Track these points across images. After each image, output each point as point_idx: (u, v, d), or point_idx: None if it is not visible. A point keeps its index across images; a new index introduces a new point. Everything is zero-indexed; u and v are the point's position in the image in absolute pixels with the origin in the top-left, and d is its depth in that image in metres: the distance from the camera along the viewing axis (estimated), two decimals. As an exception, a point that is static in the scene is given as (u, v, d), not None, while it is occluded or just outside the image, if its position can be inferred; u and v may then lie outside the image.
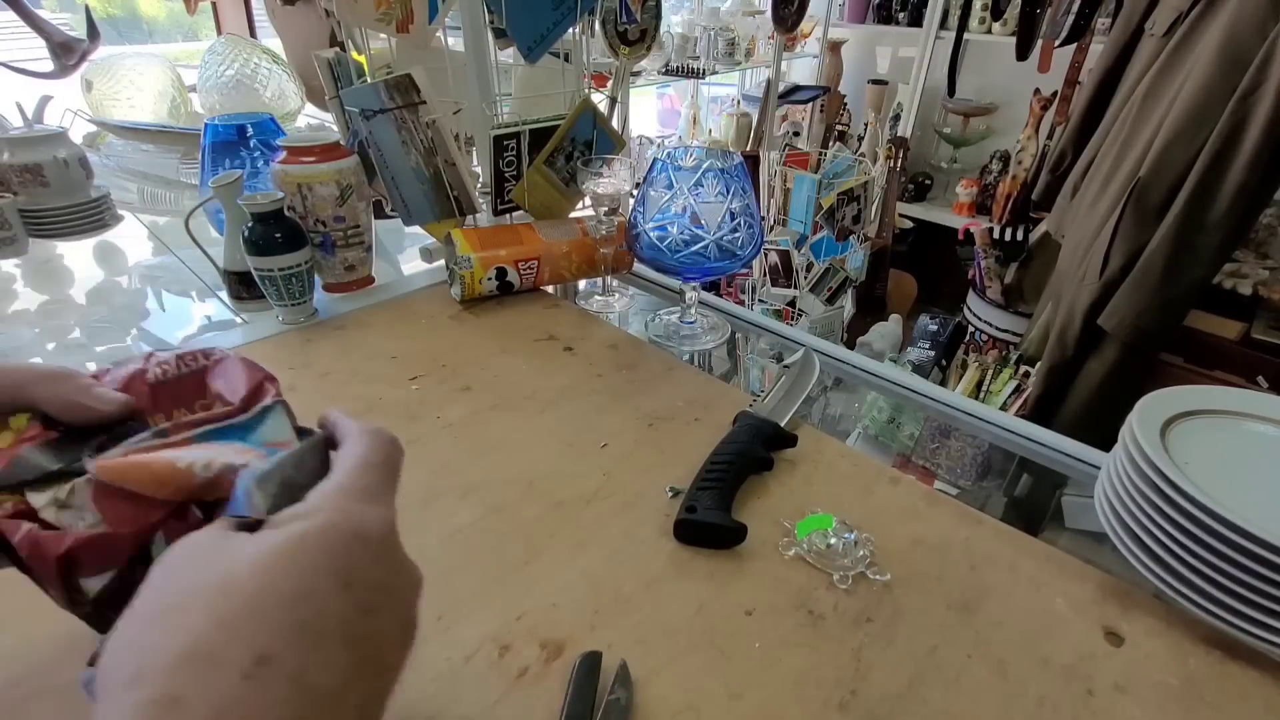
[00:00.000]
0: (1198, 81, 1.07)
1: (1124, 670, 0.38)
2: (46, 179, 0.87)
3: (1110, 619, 0.41)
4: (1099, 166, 1.30)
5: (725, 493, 0.47)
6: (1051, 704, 0.36)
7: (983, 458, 0.62)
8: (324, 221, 0.70)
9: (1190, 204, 1.08)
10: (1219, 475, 0.40)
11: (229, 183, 0.67)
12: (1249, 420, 0.46)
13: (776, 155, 1.62)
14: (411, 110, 0.70)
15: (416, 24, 0.68)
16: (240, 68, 1.16)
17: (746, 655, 0.38)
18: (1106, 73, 1.39)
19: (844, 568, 0.43)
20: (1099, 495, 0.45)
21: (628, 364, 0.66)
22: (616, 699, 0.34)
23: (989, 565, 0.44)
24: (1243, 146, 1.02)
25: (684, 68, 2.22)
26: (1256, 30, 1.00)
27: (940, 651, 0.38)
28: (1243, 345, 1.39)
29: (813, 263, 1.64)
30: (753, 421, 0.54)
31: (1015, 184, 2.12)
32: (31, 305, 0.84)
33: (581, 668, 0.35)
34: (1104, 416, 1.23)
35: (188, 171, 1.06)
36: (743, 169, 0.66)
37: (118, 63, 1.21)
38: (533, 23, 0.72)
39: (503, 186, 0.78)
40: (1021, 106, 2.10)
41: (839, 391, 0.72)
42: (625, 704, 0.34)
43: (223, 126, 0.80)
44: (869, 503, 0.49)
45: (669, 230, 0.66)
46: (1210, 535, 0.37)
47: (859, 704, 0.35)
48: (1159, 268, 1.12)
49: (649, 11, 0.81)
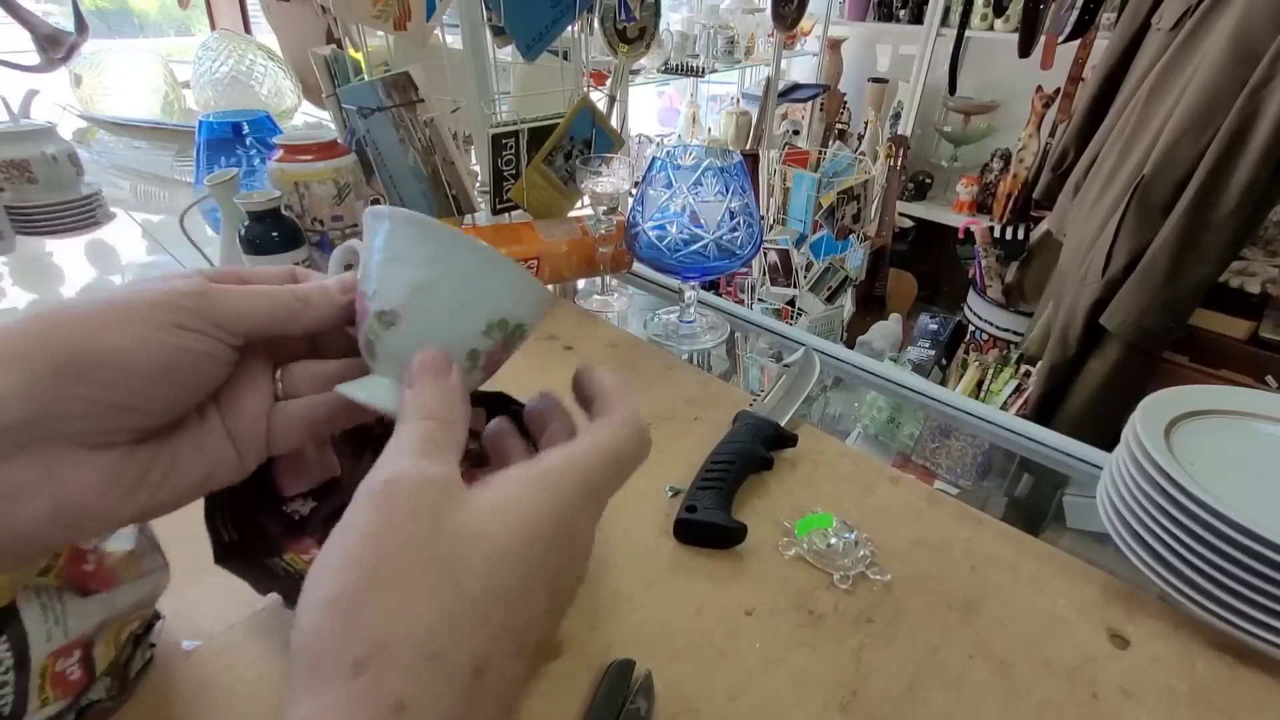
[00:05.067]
0: (1206, 76, 1.06)
1: (1130, 674, 0.37)
2: (34, 175, 0.86)
3: (1115, 621, 0.40)
4: (1102, 164, 1.30)
5: (725, 492, 0.46)
6: (1055, 707, 0.35)
7: (983, 457, 0.62)
8: (321, 220, 0.70)
9: (1196, 201, 1.07)
10: (1226, 476, 0.39)
11: (225, 181, 0.67)
12: (1257, 420, 0.45)
13: (776, 154, 1.62)
14: (409, 108, 0.69)
15: (414, 21, 0.68)
16: (235, 64, 1.16)
17: (746, 655, 0.37)
18: (1111, 68, 1.38)
19: (844, 568, 0.43)
20: (1101, 496, 0.45)
21: (627, 363, 0.66)
22: (636, 708, 0.33)
23: (990, 566, 0.44)
24: (1252, 142, 1.01)
25: (683, 66, 2.21)
26: (1269, 23, 0.99)
27: (941, 652, 0.38)
28: (1251, 345, 1.38)
29: (812, 262, 1.63)
30: (752, 421, 0.53)
31: (1016, 182, 2.12)
32: (20, 304, 0.83)
33: (612, 674, 0.35)
34: (1106, 416, 1.23)
35: (182, 169, 1.05)
36: (742, 168, 0.66)
37: (107, 57, 1.20)
38: (531, 20, 0.72)
39: (501, 185, 0.77)
40: (1023, 104, 2.09)
41: (839, 391, 0.71)
42: (645, 714, 0.33)
43: (218, 123, 0.79)
44: (869, 502, 0.49)
45: (668, 229, 0.66)
46: (1217, 537, 0.36)
47: (859, 705, 0.35)
48: (1163, 266, 1.11)
49: (648, 9, 0.80)
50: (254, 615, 0.38)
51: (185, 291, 0.22)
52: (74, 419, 0.20)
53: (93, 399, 0.20)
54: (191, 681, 0.35)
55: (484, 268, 0.25)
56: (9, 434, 0.19)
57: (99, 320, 0.21)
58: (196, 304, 0.22)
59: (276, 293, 0.25)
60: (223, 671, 0.35)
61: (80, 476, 0.21)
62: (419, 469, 0.20)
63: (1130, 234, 1.15)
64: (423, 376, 0.24)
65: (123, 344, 0.21)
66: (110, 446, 0.21)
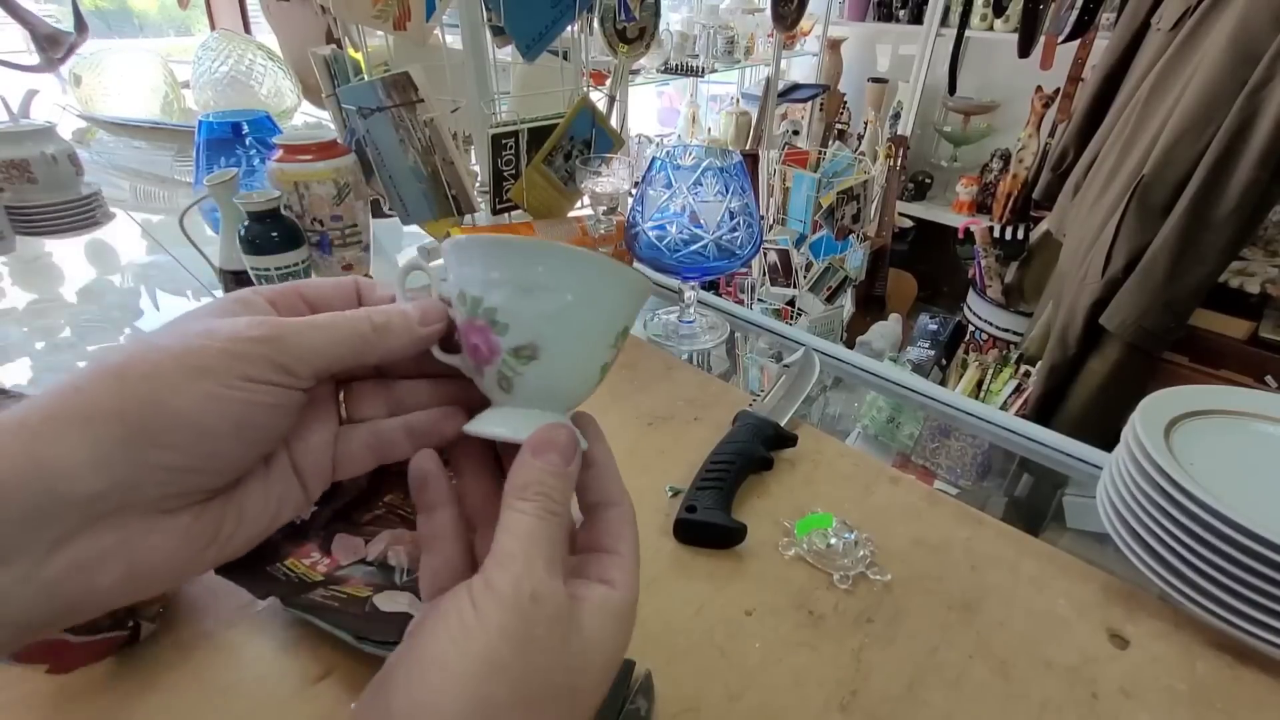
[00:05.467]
0: (1206, 76, 1.06)
1: (1130, 674, 0.37)
2: (34, 175, 0.85)
3: (1114, 621, 0.40)
4: (1102, 164, 1.29)
5: (725, 492, 0.46)
6: (1055, 707, 0.35)
7: (983, 457, 0.62)
8: (321, 220, 0.70)
9: (1196, 201, 1.07)
10: (1225, 476, 0.39)
11: (224, 181, 0.66)
12: (1256, 420, 0.46)
13: (776, 154, 1.62)
14: (409, 108, 0.69)
15: (414, 21, 0.67)
16: (235, 64, 1.16)
17: (746, 655, 0.37)
18: (1111, 69, 1.38)
19: (844, 568, 0.43)
20: (1101, 496, 0.45)
21: (627, 363, 0.66)
22: (636, 708, 0.33)
23: (990, 566, 0.44)
24: (1252, 142, 1.01)
25: (683, 66, 2.21)
26: (1270, 23, 0.99)
27: (941, 652, 0.38)
28: (1251, 345, 1.38)
29: (812, 262, 1.63)
30: (752, 421, 0.53)
31: (1016, 182, 2.12)
32: (19, 304, 0.83)
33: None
34: (1106, 416, 1.23)
35: (182, 169, 1.05)
36: (742, 168, 0.65)
37: (107, 57, 1.20)
38: (531, 20, 0.72)
39: (501, 185, 0.77)
40: (1023, 104, 2.09)
41: (839, 391, 0.71)
42: (645, 714, 0.33)
43: (218, 123, 0.79)
44: (869, 502, 0.49)
45: (668, 229, 0.66)
46: (1217, 538, 0.36)
47: (859, 705, 0.35)
48: (1163, 266, 1.11)
49: (648, 9, 0.80)
50: (254, 615, 0.38)
51: (253, 337, 0.21)
52: (146, 487, 0.20)
53: (165, 465, 0.20)
54: (192, 681, 0.35)
55: (609, 280, 0.25)
56: (83, 506, 0.19)
57: (169, 377, 0.20)
58: (264, 350, 0.21)
59: (349, 323, 0.23)
60: (223, 671, 0.35)
61: (152, 542, 0.20)
62: (556, 591, 0.21)
63: (1130, 234, 1.15)
64: (551, 456, 0.23)
65: (193, 405, 0.20)
66: (181, 509, 0.21)
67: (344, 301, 0.26)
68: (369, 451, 0.26)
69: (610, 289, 0.25)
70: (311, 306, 0.25)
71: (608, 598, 0.23)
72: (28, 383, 0.65)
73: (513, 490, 0.23)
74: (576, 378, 0.26)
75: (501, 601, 0.20)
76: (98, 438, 0.19)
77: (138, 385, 0.19)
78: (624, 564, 0.25)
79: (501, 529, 0.22)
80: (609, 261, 0.24)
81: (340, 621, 0.35)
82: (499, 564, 0.21)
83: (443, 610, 0.21)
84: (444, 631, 0.20)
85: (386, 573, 0.39)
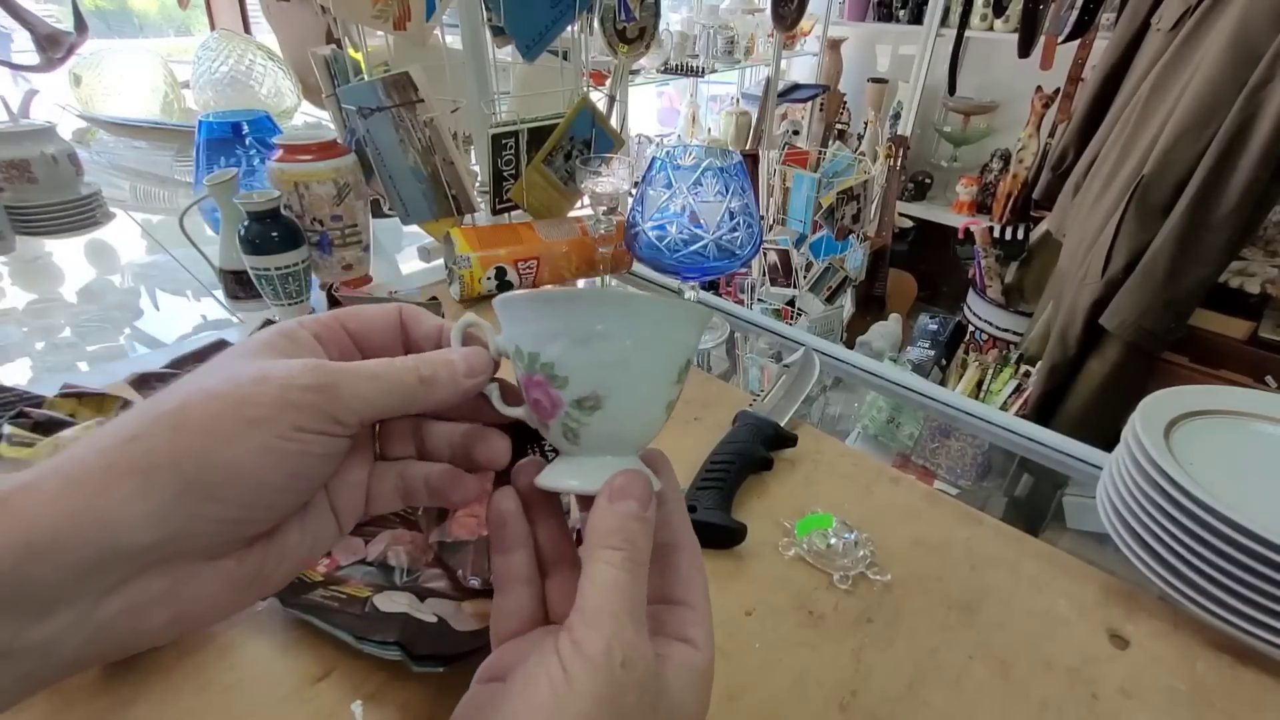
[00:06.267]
0: (1206, 76, 1.06)
1: (1130, 674, 0.37)
2: (34, 175, 0.86)
3: (1114, 621, 0.40)
4: (1101, 164, 1.29)
5: (725, 492, 0.46)
6: (1055, 707, 0.35)
7: (983, 457, 0.62)
8: (321, 220, 0.70)
9: (1196, 201, 1.07)
10: (1225, 476, 0.39)
11: (224, 181, 0.66)
12: (1256, 421, 0.46)
13: (776, 154, 1.62)
14: (409, 108, 0.69)
15: (414, 21, 0.67)
16: (235, 64, 1.16)
17: (746, 655, 0.37)
18: (1111, 69, 1.38)
19: (844, 568, 0.43)
20: (1101, 496, 0.45)
21: (626, 363, 0.65)
22: None
23: (990, 566, 0.44)
24: (1252, 142, 1.01)
25: (683, 66, 2.21)
26: (1270, 23, 0.99)
27: (941, 653, 0.38)
28: (1251, 345, 1.38)
29: (812, 262, 1.63)
30: (752, 421, 0.53)
31: (1016, 182, 2.12)
32: (19, 304, 0.83)
33: None
34: (1105, 416, 1.23)
35: (181, 169, 1.05)
36: (742, 168, 0.65)
37: (107, 57, 1.20)
38: (531, 20, 0.72)
39: (501, 185, 0.77)
40: (1023, 104, 2.09)
41: (839, 391, 0.71)
42: None
43: (217, 123, 0.79)
44: (869, 502, 0.49)
45: (668, 229, 0.66)
46: (1217, 538, 0.36)
47: (859, 705, 0.35)
48: (1163, 266, 1.11)
49: (648, 9, 0.80)
50: (254, 615, 0.38)
51: (306, 385, 0.21)
52: (198, 537, 0.20)
53: (217, 518, 0.20)
54: (192, 681, 0.35)
55: (664, 319, 0.24)
56: (137, 556, 0.19)
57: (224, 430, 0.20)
58: (317, 399, 0.21)
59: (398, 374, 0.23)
60: (223, 671, 0.35)
61: (198, 585, 0.21)
62: (646, 655, 0.21)
63: (1130, 234, 1.15)
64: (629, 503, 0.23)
65: (248, 458, 0.20)
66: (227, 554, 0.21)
67: (388, 333, 0.26)
68: (396, 493, 0.26)
69: (666, 327, 0.25)
70: (354, 338, 0.26)
71: (691, 658, 0.23)
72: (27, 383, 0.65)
73: (595, 538, 0.23)
74: (642, 420, 0.26)
75: (594, 668, 0.20)
76: (155, 490, 0.19)
77: (193, 438, 0.20)
78: (700, 619, 0.25)
79: (586, 579, 0.22)
80: (662, 301, 0.24)
81: (340, 622, 0.35)
82: (587, 623, 0.21)
83: (532, 675, 0.21)
84: (536, 697, 0.20)
85: (386, 573, 0.39)
